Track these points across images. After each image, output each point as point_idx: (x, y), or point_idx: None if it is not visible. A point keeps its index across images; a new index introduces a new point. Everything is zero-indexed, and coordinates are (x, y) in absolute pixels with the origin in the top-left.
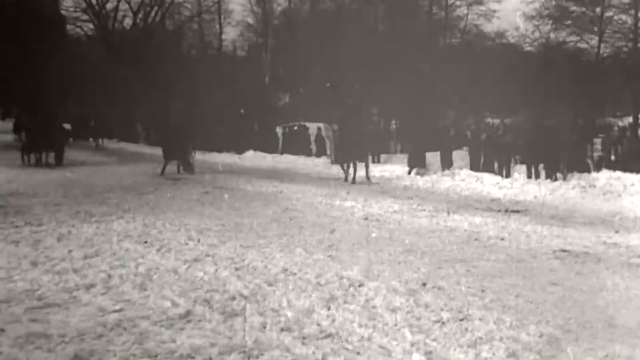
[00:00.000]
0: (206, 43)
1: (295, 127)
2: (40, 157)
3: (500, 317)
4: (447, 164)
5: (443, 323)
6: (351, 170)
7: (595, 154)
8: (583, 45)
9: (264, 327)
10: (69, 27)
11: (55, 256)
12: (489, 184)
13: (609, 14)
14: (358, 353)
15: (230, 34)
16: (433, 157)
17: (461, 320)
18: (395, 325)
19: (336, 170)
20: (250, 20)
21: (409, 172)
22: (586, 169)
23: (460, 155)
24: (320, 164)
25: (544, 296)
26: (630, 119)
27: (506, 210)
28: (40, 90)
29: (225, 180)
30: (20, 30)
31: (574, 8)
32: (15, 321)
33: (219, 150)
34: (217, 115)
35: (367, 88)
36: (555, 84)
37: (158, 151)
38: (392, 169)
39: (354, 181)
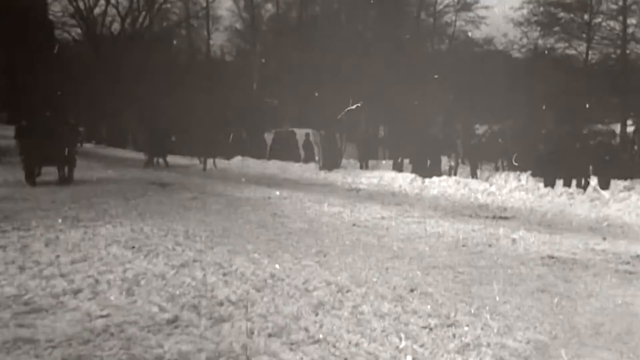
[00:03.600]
0: (194, 48)
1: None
2: (39, 173)
3: (488, 323)
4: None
5: (431, 329)
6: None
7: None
8: (571, 52)
9: (252, 333)
10: (56, 31)
11: (42, 261)
12: (477, 190)
13: (597, 20)
14: (346, 359)
15: (218, 39)
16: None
17: (449, 326)
18: (383, 331)
19: (323, 175)
20: (238, 25)
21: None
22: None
23: (446, 162)
24: (308, 170)
25: (532, 302)
26: (618, 126)
27: (494, 217)
28: (29, 95)
29: (213, 186)
30: (8, 35)
31: (562, 14)
32: (2, 326)
33: (207, 156)
34: (205, 120)
35: (355, 94)
36: (543, 90)
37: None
38: (380, 175)
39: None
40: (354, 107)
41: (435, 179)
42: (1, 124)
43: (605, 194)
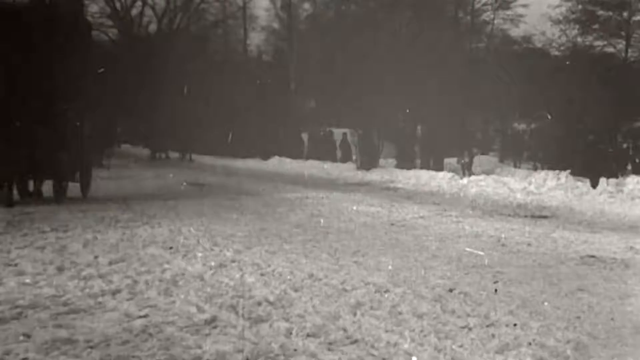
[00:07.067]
0: (231, 48)
1: (322, 133)
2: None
3: (527, 323)
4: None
5: (470, 329)
6: None
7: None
8: (610, 50)
9: (290, 333)
10: (94, 32)
11: (80, 262)
12: (515, 190)
13: (636, 18)
14: (384, 359)
15: (255, 39)
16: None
17: (488, 326)
18: (422, 331)
19: (361, 174)
20: (275, 25)
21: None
22: (613, 174)
23: (485, 161)
24: (345, 170)
25: (571, 302)
26: None
27: (533, 216)
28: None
29: (250, 186)
30: (45, 39)
31: (600, 12)
32: (41, 327)
33: (244, 156)
34: (243, 120)
35: (392, 93)
36: (582, 88)
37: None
38: (418, 174)
39: None
40: None
41: (473, 177)
42: None
43: None
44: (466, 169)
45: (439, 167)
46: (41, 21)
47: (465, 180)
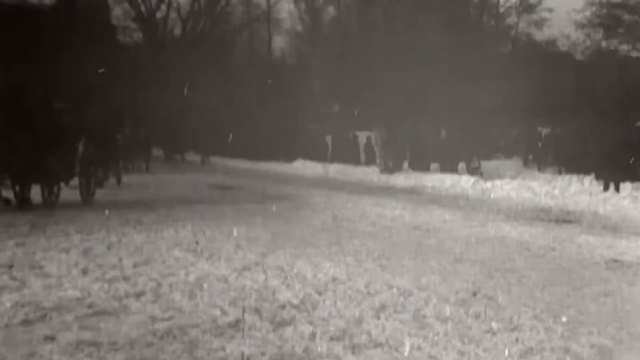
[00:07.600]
0: (255, 52)
1: (345, 136)
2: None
3: (551, 327)
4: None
5: (493, 333)
6: None
7: None
8: (635, 54)
9: (314, 336)
10: (118, 36)
11: (105, 264)
12: (539, 194)
13: None
14: None
15: (279, 42)
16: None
17: (512, 330)
18: (446, 335)
19: (385, 178)
20: (299, 28)
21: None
22: (638, 178)
23: (509, 165)
24: (369, 173)
25: (596, 307)
26: None
27: (557, 220)
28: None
29: (274, 189)
30: (70, 41)
31: (626, 16)
32: (66, 329)
33: (268, 159)
34: (267, 123)
35: (416, 96)
36: (606, 92)
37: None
38: (442, 178)
39: None
40: None
41: (497, 181)
42: None
43: None
44: (474, 174)
45: (454, 171)
46: (45, 24)
47: (489, 184)
